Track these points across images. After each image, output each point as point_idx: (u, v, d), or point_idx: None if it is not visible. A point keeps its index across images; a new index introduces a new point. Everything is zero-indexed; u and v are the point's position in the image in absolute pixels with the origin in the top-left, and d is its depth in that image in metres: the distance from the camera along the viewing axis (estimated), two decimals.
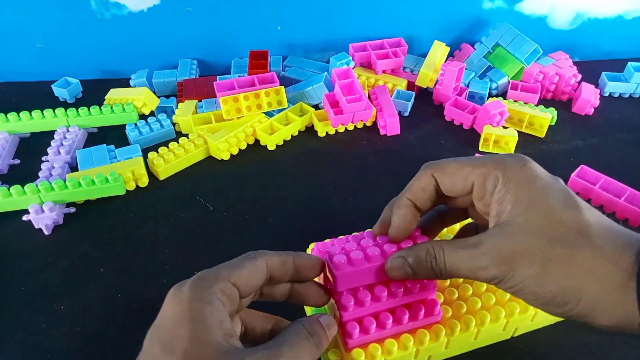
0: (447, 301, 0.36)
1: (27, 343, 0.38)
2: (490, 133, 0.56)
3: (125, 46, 0.67)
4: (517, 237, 0.27)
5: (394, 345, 0.32)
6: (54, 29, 0.65)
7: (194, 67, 0.68)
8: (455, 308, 0.35)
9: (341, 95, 0.57)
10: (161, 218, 0.48)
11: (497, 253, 0.27)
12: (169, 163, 0.53)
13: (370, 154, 0.57)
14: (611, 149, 0.58)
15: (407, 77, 0.67)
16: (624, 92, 0.67)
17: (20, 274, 0.43)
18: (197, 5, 0.65)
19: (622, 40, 0.75)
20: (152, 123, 0.58)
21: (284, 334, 0.28)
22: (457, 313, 0.35)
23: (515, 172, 0.29)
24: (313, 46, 0.71)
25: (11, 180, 0.51)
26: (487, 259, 0.27)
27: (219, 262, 0.43)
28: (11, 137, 0.57)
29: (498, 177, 0.29)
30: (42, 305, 0.40)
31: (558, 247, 0.26)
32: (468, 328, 0.34)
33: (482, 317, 0.35)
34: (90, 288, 0.42)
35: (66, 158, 0.54)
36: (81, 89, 0.66)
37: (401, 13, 0.69)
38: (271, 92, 0.56)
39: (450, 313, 0.35)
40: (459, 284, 0.37)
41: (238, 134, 0.55)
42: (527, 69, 0.66)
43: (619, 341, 0.38)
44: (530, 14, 0.71)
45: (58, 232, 0.47)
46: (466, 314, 0.35)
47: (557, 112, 0.61)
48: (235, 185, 0.52)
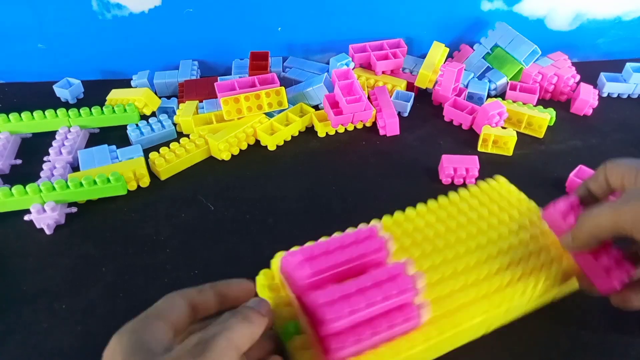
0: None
1: (27, 343, 0.38)
2: (489, 133, 0.56)
3: (127, 47, 0.68)
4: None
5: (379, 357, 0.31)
6: (56, 30, 0.65)
7: (195, 68, 0.68)
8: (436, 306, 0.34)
9: (341, 96, 0.57)
10: (162, 218, 0.48)
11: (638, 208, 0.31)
12: (170, 163, 0.53)
13: (370, 154, 0.57)
14: (609, 149, 0.58)
15: (407, 78, 0.67)
16: (623, 92, 0.67)
17: (21, 274, 0.43)
18: (198, 6, 0.65)
19: (621, 41, 0.75)
20: (153, 123, 0.58)
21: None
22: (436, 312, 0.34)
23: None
24: (313, 47, 0.71)
25: (13, 180, 0.51)
26: (632, 213, 0.31)
27: (219, 262, 0.44)
28: (13, 137, 0.57)
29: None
30: (43, 304, 0.41)
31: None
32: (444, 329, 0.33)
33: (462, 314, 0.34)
34: (91, 288, 0.42)
35: (68, 158, 0.54)
36: (82, 89, 0.66)
37: (401, 14, 0.69)
38: (272, 92, 0.57)
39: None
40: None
41: (239, 135, 0.55)
42: (525, 70, 0.66)
43: (619, 341, 0.38)
44: (529, 15, 0.71)
45: (59, 232, 0.47)
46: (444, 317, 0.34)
47: (555, 113, 0.61)
48: (235, 185, 0.52)
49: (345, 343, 0.30)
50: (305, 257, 0.32)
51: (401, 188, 0.52)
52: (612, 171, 0.36)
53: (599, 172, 0.37)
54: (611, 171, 0.36)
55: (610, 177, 0.36)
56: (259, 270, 0.41)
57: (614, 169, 0.35)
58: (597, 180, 0.37)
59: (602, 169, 0.36)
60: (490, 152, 0.57)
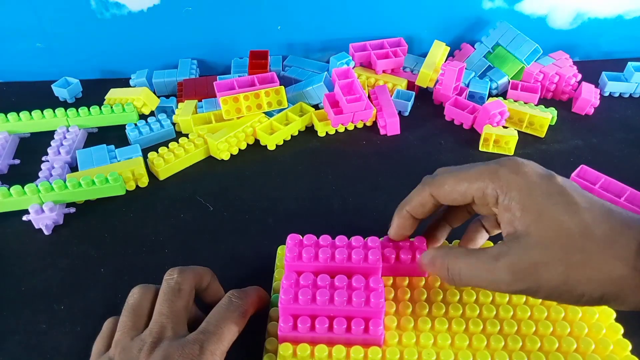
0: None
1: (27, 343, 0.38)
2: (490, 133, 0.56)
3: (125, 46, 0.67)
4: (535, 251, 0.28)
5: (324, 351, 0.32)
6: (54, 29, 0.65)
7: (194, 67, 0.68)
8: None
9: (341, 95, 0.57)
10: (161, 218, 0.48)
11: (518, 267, 0.28)
12: (169, 163, 0.53)
13: (370, 154, 0.57)
14: (611, 148, 0.58)
15: (407, 77, 0.67)
16: (624, 92, 0.67)
17: (20, 274, 0.43)
18: (197, 5, 0.65)
19: (622, 40, 0.75)
20: (152, 123, 0.58)
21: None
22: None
23: (512, 180, 0.30)
24: (313, 46, 0.71)
25: (11, 180, 0.51)
26: (508, 273, 0.28)
27: (219, 262, 0.44)
28: (11, 137, 0.57)
29: (496, 189, 0.30)
30: (42, 305, 0.40)
31: (574, 255, 0.27)
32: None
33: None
34: (90, 288, 0.42)
35: (66, 158, 0.54)
36: (81, 88, 0.66)
37: (401, 13, 0.69)
38: (271, 92, 0.56)
39: (397, 339, 0.33)
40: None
41: (238, 134, 0.55)
42: (527, 69, 0.66)
43: None
44: (531, 14, 0.71)
45: (58, 232, 0.47)
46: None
47: (557, 112, 0.61)
48: (235, 185, 0.52)
49: (294, 324, 0.33)
50: (304, 244, 0.36)
51: (401, 188, 0.51)
52: (442, 192, 0.33)
53: (422, 195, 0.34)
54: (441, 192, 0.33)
55: (443, 199, 0.33)
56: (258, 270, 0.41)
57: (441, 190, 0.33)
58: (421, 204, 0.34)
59: (425, 192, 0.34)
60: (491, 152, 0.57)
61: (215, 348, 0.31)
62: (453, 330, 0.35)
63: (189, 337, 0.31)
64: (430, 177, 0.34)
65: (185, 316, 0.33)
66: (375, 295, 0.33)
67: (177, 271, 0.35)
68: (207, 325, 0.32)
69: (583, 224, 0.28)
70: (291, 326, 0.33)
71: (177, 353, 0.30)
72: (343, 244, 0.36)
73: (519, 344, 0.33)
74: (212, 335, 0.31)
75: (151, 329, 0.32)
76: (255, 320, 0.35)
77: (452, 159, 0.56)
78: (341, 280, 0.34)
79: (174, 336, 0.31)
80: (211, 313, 0.33)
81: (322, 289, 0.33)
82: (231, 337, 0.32)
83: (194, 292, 0.35)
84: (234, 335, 0.32)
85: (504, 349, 0.34)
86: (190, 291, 0.34)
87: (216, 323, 0.32)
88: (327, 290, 0.33)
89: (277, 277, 0.39)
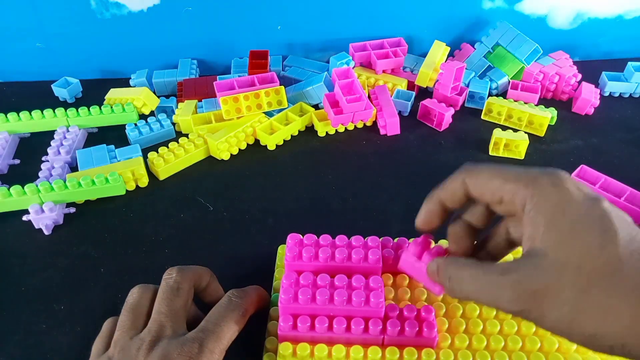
0: None
1: (27, 343, 0.38)
2: (500, 137, 0.55)
3: (125, 46, 0.67)
4: (547, 274, 0.24)
5: (324, 350, 0.33)
6: (54, 29, 0.65)
7: (194, 67, 0.68)
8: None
9: (341, 95, 0.57)
10: (161, 218, 0.48)
11: (526, 286, 0.25)
12: (168, 163, 0.53)
13: (370, 153, 0.57)
14: (611, 148, 0.58)
15: (407, 77, 0.67)
16: (624, 91, 0.67)
17: (20, 274, 0.43)
18: (197, 5, 0.65)
19: (622, 40, 0.75)
20: (152, 123, 0.58)
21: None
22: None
23: (549, 192, 0.26)
24: (313, 46, 0.71)
25: (11, 180, 0.51)
26: (510, 290, 0.25)
27: (219, 261, 0.44)
28: (11, 137, 0.57)
29: (527, 197, 0.27)
30: (42, 305, 0.40)
31: (594, 290, 0.23)
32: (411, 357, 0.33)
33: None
34: (90, 288, 0.42)
35: (66, 158, 0.54)
36: (81, 88, 0.66)
37: (401, 13, 0.69)
38: (271, 92, 0.56)
39: None
40: None
41: (238, 134, 0.55)
42: (527, 69, 0.66)
43: None
44: (530, 14, 0.71)
45: (58, 232, 0.47)
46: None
47: (557, 112, 0.61)
48: (235, 185, 0.52)
49: (294, 323, 0.33)
50: (305, 243, 0.37)
51: (401, 188, 0.52)
52: (476, 182, 0.30)
53: (455, 181, 0.30)
54: (474, 182, 0.30)
55: (473, 189, 0.30)
56: (258, 269, 0.41)
57: (476, 180, 0.30)
58: (453, 191, 0.31)
59: (459, 178, 0.30)
60: (501, 156, 0.56)
61: (214, 346, 0.31)
62: (453, 330, 0.35)
63: (188, 335, 0.31)
64: (471, 164, 0.31)
65: (184, 315, 0.33)
66: (375, 295, 0.33)
67: (176, 270, 0.35)
68: (207, 324, 0.32)
69: (614, 257, 0.23)
70: (291, 325, 0.33)
71: (176, 351, 0.30)
72: (343, 243, 0.36)
73: (518, 344, 0.34)
74: (212, 334, 0.31)
75: (150, 328, 0.32)
76: (255, 320, 0.35)
77: (452, 159, 0.56)
78: (341, 279, 0.34)
79: (172, 335, 0.31)
80: (211, 312, 0.33)
81: (322, 289, 0.33)
82: (230, 336, 0.32)
83: (192, 292, 0.35)
84: (234, 334, 0.32)
85: (504, 349, 0.34)
86: (189, 290, 0.34)
87: (215, 322, 0.32)
88: (327, 289, 0.33)
89: (278, 277, 0.39)
